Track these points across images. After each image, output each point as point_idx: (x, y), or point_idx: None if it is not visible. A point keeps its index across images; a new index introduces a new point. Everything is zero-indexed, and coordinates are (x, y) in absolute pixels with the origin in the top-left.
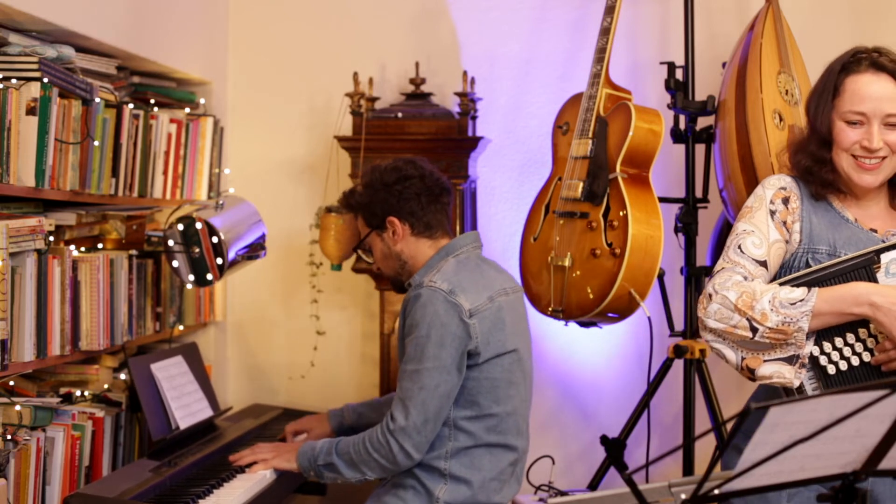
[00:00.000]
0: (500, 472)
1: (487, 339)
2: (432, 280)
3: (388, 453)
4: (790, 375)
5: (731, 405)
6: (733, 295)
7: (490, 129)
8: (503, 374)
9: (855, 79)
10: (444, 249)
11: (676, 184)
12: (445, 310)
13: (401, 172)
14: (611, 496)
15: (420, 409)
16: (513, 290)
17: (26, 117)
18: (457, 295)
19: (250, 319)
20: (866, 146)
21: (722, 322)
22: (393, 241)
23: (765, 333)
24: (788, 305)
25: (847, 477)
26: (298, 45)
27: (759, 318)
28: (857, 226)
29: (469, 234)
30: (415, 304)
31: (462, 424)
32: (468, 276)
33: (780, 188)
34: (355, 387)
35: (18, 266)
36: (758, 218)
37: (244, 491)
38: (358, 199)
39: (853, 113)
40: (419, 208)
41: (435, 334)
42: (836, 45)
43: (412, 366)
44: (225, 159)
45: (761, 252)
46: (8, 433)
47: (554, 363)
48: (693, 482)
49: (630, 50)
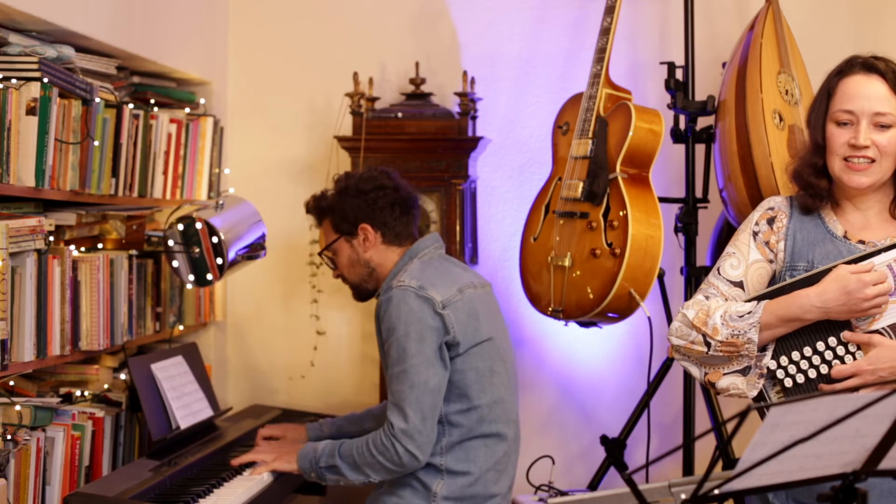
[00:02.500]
0: (496, 462)
1: (464, 329)
2: (400, 280)
3: (393, 456)
4: (743, 386)
5: (731, 405)
6: (691, 313)
7: (490, 129)
8: (484, 363)
9: (846, 80)
10: (408, 253)
11: (676, 184)
12: (419, 305)
13: (376, 182)
14: (611, 496)
15: (416, 407)
16: (481, 285)
17: (26, 117)
18: (427, 289)
19: (250, 319)
20: (854, 143)
21: (682, 339)
22: (363, 247)
23: (717, 347)
24: (737, 318)
25: (847, 477)
26: (298, 45)
27: (711, 332)
28: (841, 240)
29: (431, 236)
30: (388, 306)
31: (453, 419)
32: (435, 272)
33: (768, 209)
34: (355, 387)
35: (18, 266)
36: (741, 239)
37: (244, 491)
38: (330, 203)
39: (842, 112)
40: (392, 218)
41: (413, 331)
42: (836, 45)
43: (398, 367)
44: (225, 159)
45: (738, 273)
46: (8, 433)
47: (554, 363)
48: (693, 482)
49: (630, 50)
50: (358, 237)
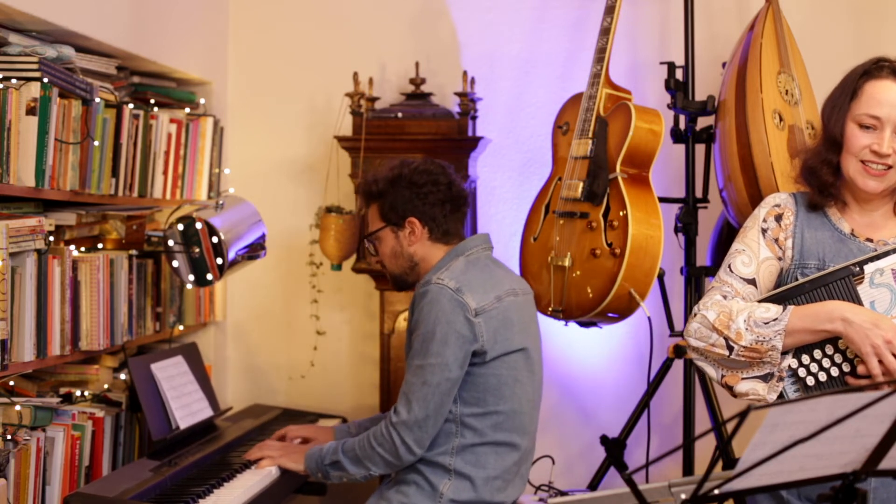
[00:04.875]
0: (503, 471)
1: (494, 338)
2: (440, 278)
3: (391, 447)
4: (763, 392)
5: (731, 405)
6: (712, 314)
7: (490, 129)
8: (509, 371)
9: (874, 84)
10: (455, 250)
11: (676, 184)
12: (451, 307)
13: (431, 176)
14: (611, 496)
15: (422, 403)
16: (522, 293)
17: (26, 117)
18: (463, 293)
19: (250, 319)
20: (876, 150)
21: (702, 341)
22: (409, 241)
23: (740, 352)
24: (762, 325)
25: (847, 477)
26: (298, 45)
27: (735, 336)
28: (850, 237)
29: (480, 236)
30: (422, 300)
31: (468, 421)
32: (477, 276)
33: (775, 205)
34: (355, 387)
35: (18, 266)
36: (749, 236)
37: (244, 491)
38: (381, 189)
39: (868, 116)
40: (441, 215)
41: (440, 331)
42: (836, 45)
43: (417, 361)
44: (225, 159)
45: (750, 270)
46: (8, 433)
47: (554, 363)
48: (693, 482)
49: (630, 50)
50: (404, 230)
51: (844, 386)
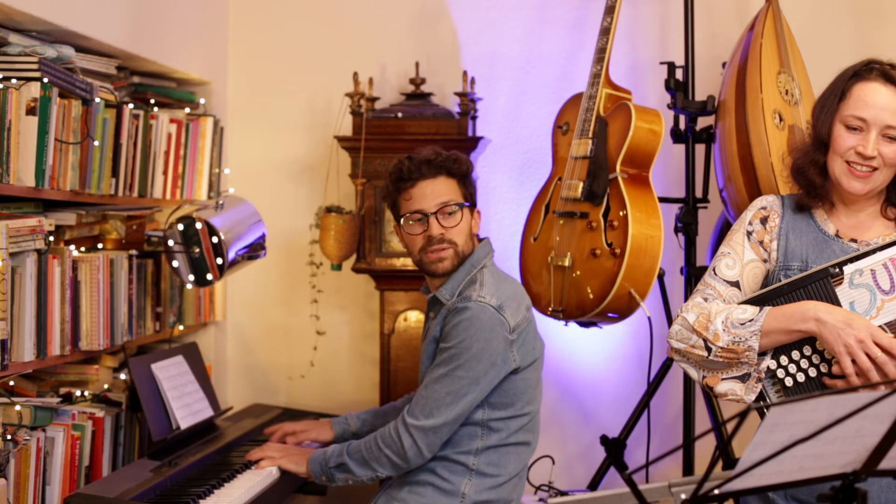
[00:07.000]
0: (521, 469)
1: (524, 353)
2: (481, 296)
3: (399, 449)
4: (742, 393)
5: (730, 405)
6: (692, 316)
7: (490, 129)
8: (533, 374)
9: (863, 86)
10: (470, 262)
11: (676, 184)
12: (491, 326)
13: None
14: (611, 496)
15: (443, 412)
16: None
17: (26, 117)
18: (504, 310)
19: (250, 319)
20: (861, 152)
21: (682, 342)
22: (476, 224)
23: (718, 353)
24: (739, 326)
25: (847, 477)
26: (298, 45)
27: (712, 337)
28: (834, 239)
29: (486, 243)
30: (460, 317)
31: (494, 424)
32: (508, 290)
33: (761, 208)
34: (355, 387)
35: (18, 266)
36: (735, 239)
37: (244, 491)
38: (467, 170)
39: (854, 118)
40: None
41: (476, 348)
42: (836, 45)
43: (445, 369)
44: (225, 159)
45: (733, 273)
46: (8, 433)
47: (554, 363)
48: (693, 482)
49: (630, 50)
50: (475, 215)
51: (823, 387)
